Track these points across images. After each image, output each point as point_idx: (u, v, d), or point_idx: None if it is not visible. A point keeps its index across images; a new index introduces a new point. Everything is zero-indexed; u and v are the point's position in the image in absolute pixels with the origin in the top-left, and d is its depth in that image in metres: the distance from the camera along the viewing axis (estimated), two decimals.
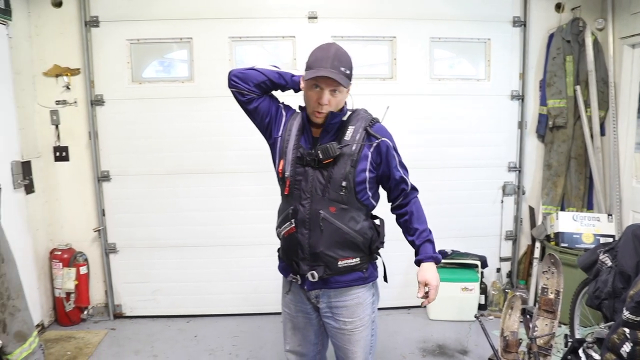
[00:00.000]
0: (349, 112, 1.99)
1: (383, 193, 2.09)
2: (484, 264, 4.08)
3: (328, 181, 1.89)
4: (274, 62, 2.09)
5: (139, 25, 3.81)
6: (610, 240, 3.68)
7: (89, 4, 3.75)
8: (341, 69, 1.82)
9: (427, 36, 3.97)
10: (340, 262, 1.94)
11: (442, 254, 3.98)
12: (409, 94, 3.99)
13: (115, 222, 4.02)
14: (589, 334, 2.74)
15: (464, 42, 4.08)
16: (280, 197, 2.08)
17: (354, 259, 1.97)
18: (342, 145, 1.89)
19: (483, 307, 4.14)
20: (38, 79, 3.81)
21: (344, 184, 1.88)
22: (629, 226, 2.71)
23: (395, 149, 1.97)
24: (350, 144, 1.90)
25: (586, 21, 3.95)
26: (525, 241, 4.33)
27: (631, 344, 2.10)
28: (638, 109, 3.83)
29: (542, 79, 4.09)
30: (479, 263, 4.02)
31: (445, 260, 3.99)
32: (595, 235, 3.79)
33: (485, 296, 4.16)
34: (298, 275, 2.01)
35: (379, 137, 1.91)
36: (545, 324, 2.82)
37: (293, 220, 1.95)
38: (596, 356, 2.59)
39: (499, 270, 4.33)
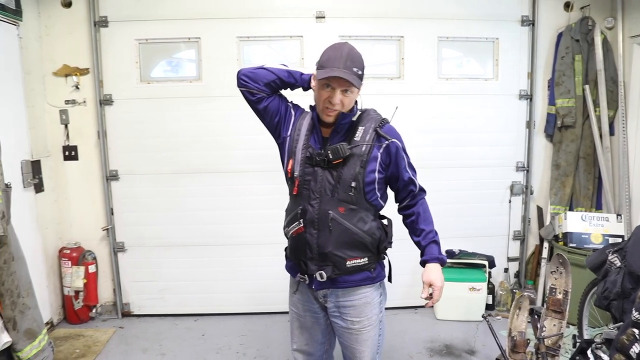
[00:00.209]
0: (359, 112, 1.98)
1: (391, 193, 2.09)
2: (492, 264, 4.06)
3: (337, 181, 1.89)
4: (282, 61, 2.09)
5: (148, 25, 3.83)
6: (620, 240, 3.66)
7: (98, 4, 3.78)
8: (354, 69, 1.82)
9: (435, 36, 3.97)
10: (348, 262, 1.94)
11: (450, 254, 3.99)
12: (416, 93, 3.98)
13: (124, 221, 4.05)
14: (597, 334, 2.73)
15: (472, 42, 4.07)
16: (288, 197, 2.08)
17: (362, 259, 1.97)
18: (352, 145, 1.89)
19: (490, 307, 4.12)
20: (48, 79, 3.84)
21: (354, 184, 1.88)
22: (639, 226, 2.70)
23: (404, 150, 1.97)
24: (360, 144, 1.89)
25: (595, 20, 3.93)
26: (534, 241, 4.31)
27: None
28: None
29: (551, 79, 4.07)
30: (486, 263, 4.00)
31: (452, 260, 3.99)
32: (604, 235, 3.77)
33: (492, 296, 4.14)
34: (306, 275, 2.02)
35: (388, 138, 1.91)
36: (553, 325, 2.81)
37: (302, 220, 1.95)
38: (605, 357, 2.57)
39: (506, 270, 4.31)
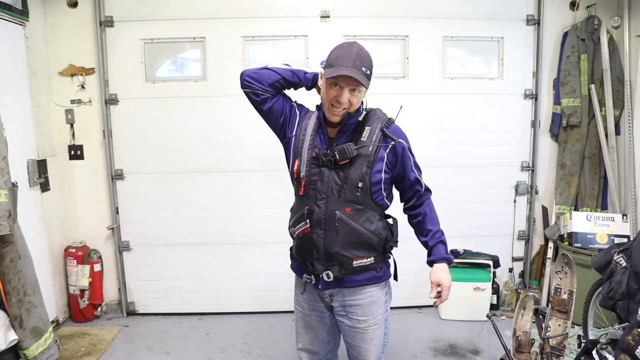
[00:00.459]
0: (365, 112, 1.98)
1: (396, 193, 2.09)
2: (496, 264, 4.05)
3: (344, 182, 1.89)
4: (286, 61, 2.09)
5: (153, 25, 3.84)
6: (625, 240, 3.64)
7: (103, 4, 3.79)
8: (362, 68, 1.81)
9: (440, 35, 3.96)
10: (355, 262, 1.94)
11: (454, 254, 3.97)
12: (421, 92, 3.98)
13: (129, 220, 4.06)
14: (602, 335, 2.72)
15: (476, 41, 4.06)
16: (294, 196, 2.07)
17: (369, 259, 1.97)
18: (359, 146, 1.88)
19: (495, 307, 4.11)
20: (54, 79, 3.87)
21: (360, 184, 1.88)
22: None
23: (410, 150, 1.97)
24: (367, 144, 1.89)
25: (601, 19, 3.90)
26: (538, 241, 4.29)
27: None
28: None
29: (556, 78, 4.05)
30: (491, 263, 3.99)
31: (457, 260, 3.98)
32: (609, 235, 3.75)
33: (497, 296, 4.13)
34: (312, 275, 2.01)
35: (395, 139, 1.91)
36: (558, 325, 2.81)
37: (308, 221, 1.94)
38: (610, 357, 2.57)
39: (511, 270, 4.30)
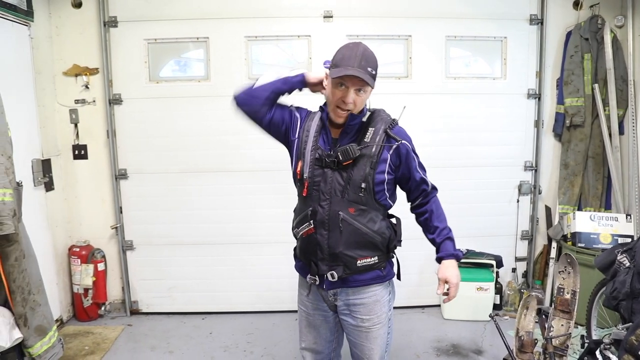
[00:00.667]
0: (368, 113, 1.98)
1: (400, 193, 2.09)
2: (500, 264, 4.05)
3: (347, 183, 1.89)
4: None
5: (157, 25, 3.86)
6: (629, 240, 3.63)
7: (107, 5, 3.81)
8: (368, 69, 1.81)
9: (443, 35, 3.96)
10: (359, 262, 1.95)
11: None
12: (424, 92, 3.98)
13: (132, 220, 4.07)
14: (606, 335, 2.72)
15: (480, 41, 4.05)
16: (297, 197, 2.08)
17: (373, 258, 1.97)
18: (362, 146, 1.89)
19: (498, 307, 4.11)
20: (58, 79, 3.88)
21: (364, 185, 1.88)
22: None
23: (414, 151, 1.97)
24: (370, 145, 1.89)
25: (605, 18, 3.90)
26: (542, 241, 4.29)
27: None
28: None
29: (560, 78, 4.04)
30: (494, 263, 3.99)
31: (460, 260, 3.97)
32: (613, 235, 3.74)
33: (500, 296, 4.13)
34: (316, 275, 2.01)
35: (398, 139, 1.91)
36: (561, 325, 2.80)
37: (312, 221, 1.94)
38: (614, 358, 2.56)
39: (514, 270, 4.30)
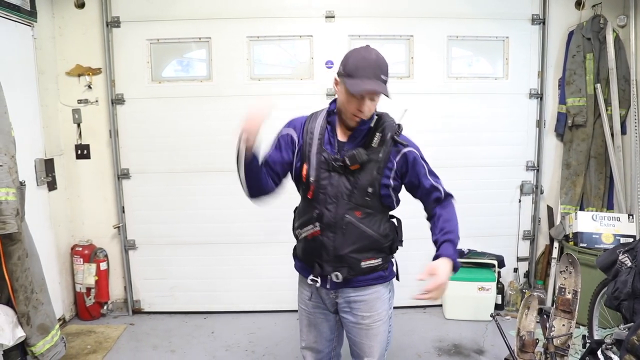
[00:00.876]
0: (376, 117, 1.96)
1: (403, 193, 2.07)
2: (501, 264, 4.04)
3: (354, 187, 1.88)
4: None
5: (159, 25, 3.87)
6: (631, 240, 3.62)
7: (110, 5, 3.82)
8: (382, 76, 1.80)
9: (445, 35, 3.96)
10: (363, 263, 1.95)
11: (459, 253, 3.96)
12: (426, 92, 3.98)
13: (135, 219, 4.09)
14: (607, 335, 2.71)
15: (481, 41, 4.05)
16: (301, 198, 2.07)
17: (377, 259, 1.98)
18: (369, 151, 1.88)
19: (500, 307, 4.11)
20: (61, 79, 3.90)
21: (370, 190, 1.88)
22: None
23: (422, 158, 1.96)
24: (377, 150, 1.89)
25: (607, 18, 3.89)
26: (544, 241, 4.28)
27: None
28: None
29: (562, 77, 4.04)
30: (496, 262, 3.99)
31: (462, 260, 3.97)
32: (615, 235, 3.74)
33: (502, 296, 4.13)
34: (319, 276, 2.01)
35: (405, 144, 1.91)
36: (562, 324, 2.80)
37: (318, 224, 1.94)
38: (615, 358, 2.56)
39: (516, 270, 4.29)
